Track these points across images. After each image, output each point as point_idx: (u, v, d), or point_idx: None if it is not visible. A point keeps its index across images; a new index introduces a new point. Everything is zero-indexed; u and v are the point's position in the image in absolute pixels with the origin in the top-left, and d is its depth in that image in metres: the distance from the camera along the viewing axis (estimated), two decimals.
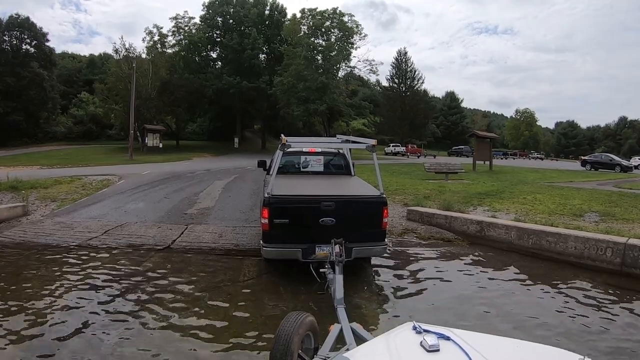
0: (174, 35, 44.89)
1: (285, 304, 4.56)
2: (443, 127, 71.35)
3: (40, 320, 3.97)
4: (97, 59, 64.58)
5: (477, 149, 24.04)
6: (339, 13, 41.61)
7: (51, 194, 10.89)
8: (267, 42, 46.91)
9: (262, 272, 5.67)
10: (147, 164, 23.82)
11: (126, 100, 35.66)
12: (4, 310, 4.17)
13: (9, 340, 3.59)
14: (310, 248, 4.94)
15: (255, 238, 6.90)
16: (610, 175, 21.33)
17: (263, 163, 8.06)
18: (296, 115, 41.31)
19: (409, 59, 55.33)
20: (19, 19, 47.98)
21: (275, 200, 4.99)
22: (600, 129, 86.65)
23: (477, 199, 9.93)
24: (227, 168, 21.05)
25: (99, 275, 5.31)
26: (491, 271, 5.90)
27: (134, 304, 4.47)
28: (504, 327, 4.02)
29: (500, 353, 1.42)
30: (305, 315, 2.55)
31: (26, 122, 46.00)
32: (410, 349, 1.40)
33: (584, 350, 3.50)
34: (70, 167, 21.41)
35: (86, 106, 53.69)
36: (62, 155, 32.00)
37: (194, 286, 5.04)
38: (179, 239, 7.14)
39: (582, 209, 8.57)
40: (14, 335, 3.68)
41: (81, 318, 4.07)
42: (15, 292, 4.69)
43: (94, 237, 7.20)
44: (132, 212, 9.32)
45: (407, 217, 8.95)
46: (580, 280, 5.49)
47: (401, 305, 4.68)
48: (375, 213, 5.22)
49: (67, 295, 4.67)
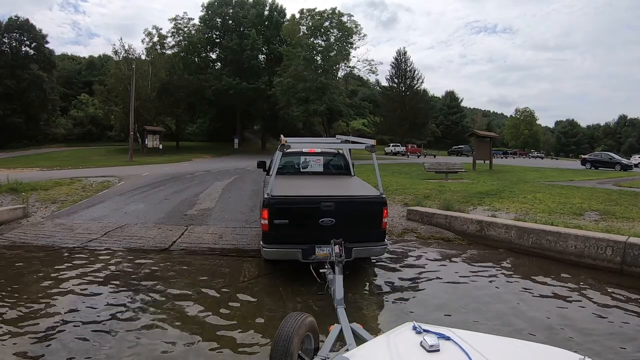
0: (173, 37, 44.97)
1: (286, 305, 4.56)
2: (443, 126, 71.29)
3: (40, 322, 3.97)
4: (96, 60, 64.59)
5: (477, 149, 24.04)
6: (337, 13, 41.67)
7: (51, 195, 10.89)
8: (267, 43, 46.92)
9: (262, 272, 5.67)
10: (147, 165, 23.84)
11: (126, 101, 35.69)
12: (4, 312, 4.17)
13: (8, 341, 3.59)
14: (310, 248, 4.94)
15: (255, 239, 6.90)
16: (610, 174, 21.32)
17: (263, 164, 8.04)
18: (296, 116, 41.33)
19: (408, 59, 55.36)
20: (18, 21, 47.99)
21: (275, 201, 4.99)
22: (600, 128, 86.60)
23: (477, 198, 9.93)
24: (227, 169, 21.05)
25: (99, 277, 5.32)
26: (491, 271, 5.90)
27: (133, 305, 4.47)
28: (503, 328, 4.02)
29: (501, 353, 1.42)
30: (305, 316, 2.55)
31: (26, 124, 45.98)
32: (411, 349, 1.40)
33: (583, 350, 3.50)
34: (70, 169, 21.42)
35: (86, 108, 53.80)
36: (62, 157, 32.03)
37: (194, 287, 5.04)
38: (179, 240, 7.15)
39: (582, 207, 8.57)
40: (13, 336, 3.68)
41: (81, 319, 4.07)
42: (16, 294, 4.69)
43: (94, 238, 7.21)
44: (132, 213, 9.32)
45: (407, 217, 8.95)
46: (580, 279, 5.48)
47: (401, 306, 4.68)
48: (375, 213, 5.21)
49: (67, 296, 4.67)
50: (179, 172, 18.68)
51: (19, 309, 4.27)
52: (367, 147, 5.53)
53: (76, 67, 64.61)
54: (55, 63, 53.34)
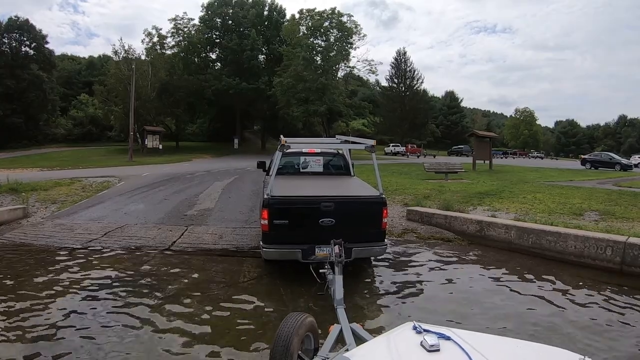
0: (173, 37, 44.93)
1: (285, 305, 4.57)
2: (443, 126, 71.27)
3: (39, 322, 3.98)
4: (96, 60, 64.55)
5: (476, 149, 24.03)
6: (337, 13, 41.64)
7: (51, 196, 10.89)
8: (266, 43, 46.92)
9: (262, 273, 5.67)
10: (147, 166, 23.83)
11: (126, 101, 35.70)
12: (4, 312, 4.17)
13: (8, 341, 3.59)
14: (310, 249, 4.94)
15: (255, 239, 6.90)
16: (610, 174, 21.33)
17: (262, 164, 8.04)
18: (296, 116, 41.33)
19: (408, 59, 55.39)
20: (18, 21, 47.97)
21: (275, 201, 4.99)
22: (600, 128, 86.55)
23: (477, 198, 9.93)
24: (226, 169, 21.05)
25: (99, 277, 5.32)
26: (491, 271, 5.90)
27: (133, 305, 4.46)
28: (503, 329, 4.02)
29: (501, 353, 1.41)
30: (304, 316, 2.55)
31: (26, 124, 45.96)
32: (411, 349, 1.40)
33: (582, 349, 3.51)
34: (70, 169, 21.42)
35: (86, 108, 53.77)
36: (61, 157, 32.01)
37: (193, 288, 5.05)
38: (179, 240, 7.15)
39: (582, 207, 8.57)
40: (13, 336, 3.69)
41: (80, 320, 4.08)
42: (16, 294, 4.69)
43: (94, 238, 7.21)
44: (132, 213, 9.33)
45: (407, 217, 8.95)
46: (580, 279, 5.49)
47: (401, 306, 4.68)
48: (374, 213, 5.22)
49: (67, 296, 4.67)
50: (178, 172, 18.68)
51: (18, 308, 4.27)
52: (366, 148, 5.53)
53: (76, 67, 64.57)
54: (55, 63, 53.31)
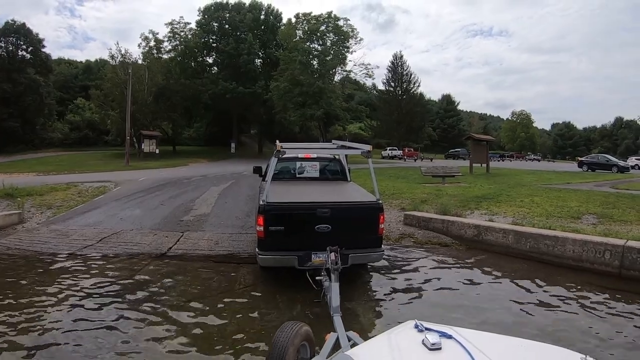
0: (169, 41, 44.85)
1: (281, 312, 4.52)
2: (439, 130, 71.53)
3: (34, 329, 3.92)
4: (93, 64, 64.51)
5: (473, 152, 24.09)
6: (333, 17, 41.73)
7: (47, 201, 10.82)
8: (263, 47, 46.97)
9: (258, 279, 5.63)
10: (144, 170, 23.75)
11: (122, 106, 35.58)
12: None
13: (2, 348, 3.54)
14: (306, 255, 4.90)
15: (251, 245, 6.86)
16: (607, 176, 21.39)
17: (259, 169, 8.00)
18: (292, 120, 41.31)
19: (404, 62, 55.85)
20: (15, 25, 47.88)
21: (270, 208, 4.95)
22: (597, 130, 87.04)
23: (475, 202, 9.91)
24: (223, 174, 20.97)
25: (94, 284, 5.26)
26: (489, 275, 5.87)
27: (128, 312, 4.41)
28: (503, 330, 3.99)
29: (502, 351, 1.42)
30: (300, 325, 2.52)
31: (22, 129, 45.76)
32: (412, 347, 1.40)
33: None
34: (67, 174, 21.33)
35: (82, 112, 53.62)
36: (58, 162, 31.90)
37: (189, 294, 4.99)
38: (174, 247, 7.10)
39: (580, 211, 8.56)
40: (7, 342, 3.63)
41: (75, 325, 4.02)
42: (10, 301, 4.62)
43: (89, 244, 7.15)
44: (127, 219, 9.26)
45: (404, 222, 8.92)
46: (579, 283, 5.47)
47: (398, 312, 4.64)
48: (371, 219, 5.18)
49: (61, 303, 4.61)
50: (175, 177, 18.62)
51: (13, 315, 4.21)
52: (363, 153, 5.50)
53: (73, 72, 64.45)
54: (51, 67, 53.17)
